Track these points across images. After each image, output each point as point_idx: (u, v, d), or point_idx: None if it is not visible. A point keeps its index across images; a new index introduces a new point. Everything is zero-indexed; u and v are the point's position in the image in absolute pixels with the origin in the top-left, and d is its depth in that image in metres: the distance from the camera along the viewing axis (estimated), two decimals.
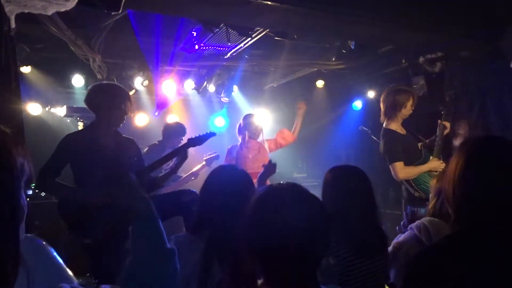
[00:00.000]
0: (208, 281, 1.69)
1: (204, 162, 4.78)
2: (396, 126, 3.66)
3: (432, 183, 2.39)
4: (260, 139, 5.03)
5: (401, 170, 3.48)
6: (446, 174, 1.29)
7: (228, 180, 1.92)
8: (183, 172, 4.55)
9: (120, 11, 2.66)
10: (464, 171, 1.21)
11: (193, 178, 4.78)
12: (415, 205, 3.40)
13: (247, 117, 4.97)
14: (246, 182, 1.95)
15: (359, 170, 2.09)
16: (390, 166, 3.55)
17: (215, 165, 4.59)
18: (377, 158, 4.51)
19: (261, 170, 4.61)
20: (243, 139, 4.85)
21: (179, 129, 4.78)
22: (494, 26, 3.91)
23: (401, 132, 3.67)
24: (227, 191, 1.86)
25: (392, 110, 3.62)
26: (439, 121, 3.75)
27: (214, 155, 4.76)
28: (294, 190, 1.17)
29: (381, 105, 3.72)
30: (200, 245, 1.75)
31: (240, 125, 4.95)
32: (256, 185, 2.63)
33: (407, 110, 3.64)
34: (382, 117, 3.72)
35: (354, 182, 2.02)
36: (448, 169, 1.30)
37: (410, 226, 2.05)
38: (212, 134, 3.33)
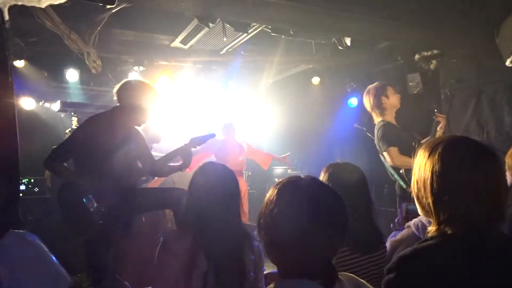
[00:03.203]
0: (194, 272, 1.73)
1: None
2: (390, 119, 3.67)
3: None
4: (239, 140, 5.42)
5: (397, 157, 3.42)
6: (419, 180, 1.24)
7: (213, 177, 1.96)
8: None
9: (114, 5, 2.63)
10: (442, 177, 1.18)
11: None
12: (408, 202, 3.40)
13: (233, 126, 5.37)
14: (231, 179, 1.99)
15: (355, 166, 2.09)
16: (384, 152, 3.47)
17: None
18: (372, 155, 4.52)
19: (239, 168, 5.05)
20: (231, 138, 5.22)
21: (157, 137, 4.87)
22: (490, 24, 3.93)
23: (396, 125, 3.68)
24: (213, 188, 1.90)
25: (378, 105, 3.65)
26: (434, 117, 3.75)
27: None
28: (313, 183, 1.19)
29: (367, 107, 3.73)
30: (187, 240, 1.80)
31: (229, 127, 5.30)
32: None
33: (393, 99, 3.64)
34: (374, 117, 3.71)
35: (349, 178, 2.02)
36: (419, 173, 1.24)
37: (407, 224, 2.05)
38: (212, 136, 3.39)
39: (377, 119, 3.70)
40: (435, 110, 3.82)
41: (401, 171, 3.60)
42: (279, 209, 1.13)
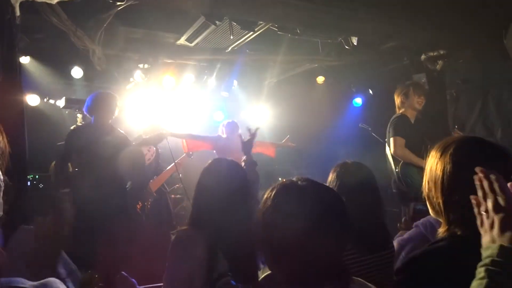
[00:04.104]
0: (213, 275, 1.69)
1: (184, 154, 5.05)
2: (409, 116, 3.76)
3: None
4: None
5: (400, 147, 3.53)
6: (430, 180, 1.23)
7: (225, 173, 1.92)
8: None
9: (124, 1, 2.62)
10: (453, 177, 1.16)
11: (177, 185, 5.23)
12: (405, 202, 3.44)
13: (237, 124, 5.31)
14: (242, 175, 1.96)
15: (364, 166, 2.09)
16: (391, 139, 3.58)
17: (195, 156, 5.08)
18: (377, 155, 4.51)
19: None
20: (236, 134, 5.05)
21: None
22: (497, 25, 3.91)
23: (411, 121, 3.77)
24: (225, 185, 1.85)
25: (399, 102, 3.81)
26: (452, 133, 3.81)
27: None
28: (310, 184, 1.15)
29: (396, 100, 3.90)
30: (202, 240, 1.74)
31: (232, 124, 5.20)
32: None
33: (412, 101, 3.74)
34: (397, 110, 3.86)
35: (358, 178, 2.01)
36: (430, 173, 1.23)
37: (415, 223, 2.04)
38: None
39: (397, 113, 3.83)
40: (455, 127, 3.88)
41: (397, 169, 3.63)
42: (278, 215, 1.10)
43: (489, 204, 0.98)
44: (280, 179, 6.50)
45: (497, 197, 0.97)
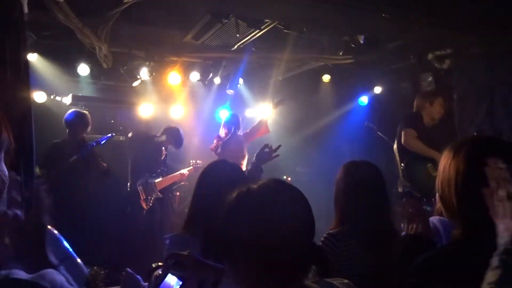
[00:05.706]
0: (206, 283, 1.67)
1: (191, 167, 5.11)
2: (425, 121, 3.83)
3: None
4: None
5: (412, 137, 3.57)
6: (444, 180, 1.22)
7: (224, 176, 1.87)
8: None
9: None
10: (467, 176, 1.15)
11: (182, 182, 5.39)
12: (414, 200, 3.43)
13: (238, 117, 5.22)
14: (242, 179, 1.92)
15: (373, 165, 2.11)
16: (402, 131, 3.64)
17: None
18: (382, 154, 4.50)
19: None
20: (235, 133, 5.02)
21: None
22: (504, 23, 3.88)
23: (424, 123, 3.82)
24: (223, 188, 1.81)
25: (423, 106, 3.90)
26: None
27: (201, 164, 5.08)
28: (277, 185, 1.13)
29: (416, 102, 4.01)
30: (196, 245, 1.71)
31: (234, 123, 5.06)
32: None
33: (434, 109, 3.85)
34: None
35: (367, 176, 2.03)
36: (443, 174, 1.22)
37: None
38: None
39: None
40: None
41: (402, 164, 3.63)
42: (237, 222, 1.10)
43: (503, 193, 0.97)
44: (285, 177, 6.44)
45: (509, 185, 0.96)
